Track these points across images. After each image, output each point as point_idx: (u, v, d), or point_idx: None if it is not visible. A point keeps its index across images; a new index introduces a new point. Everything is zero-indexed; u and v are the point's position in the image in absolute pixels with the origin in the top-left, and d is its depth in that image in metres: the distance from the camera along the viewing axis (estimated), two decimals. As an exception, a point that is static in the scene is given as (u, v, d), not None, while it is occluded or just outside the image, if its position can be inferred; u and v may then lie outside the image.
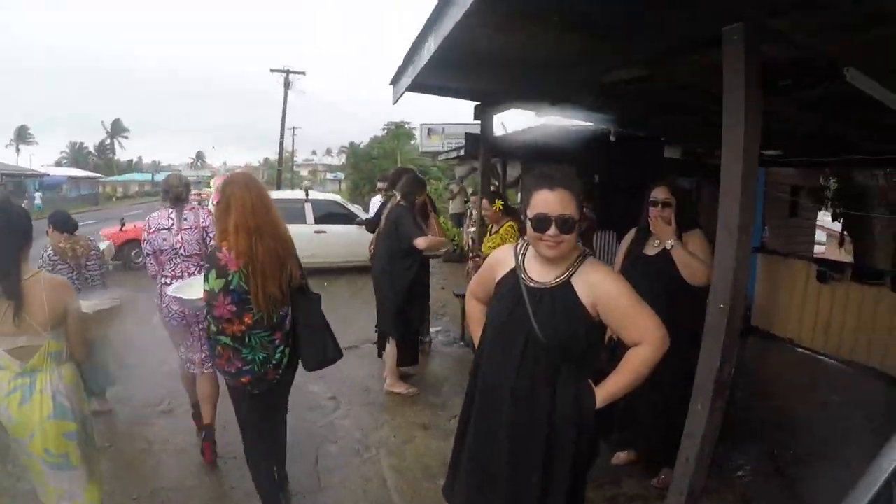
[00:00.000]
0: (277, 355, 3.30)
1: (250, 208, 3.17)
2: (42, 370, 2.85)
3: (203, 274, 3.25)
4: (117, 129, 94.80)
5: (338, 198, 14.87)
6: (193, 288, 3.70)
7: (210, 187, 3.91)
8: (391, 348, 5.67)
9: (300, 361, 3.52)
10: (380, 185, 8.27)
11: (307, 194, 13.50)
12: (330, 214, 12.86)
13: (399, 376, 5.77)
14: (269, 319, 3.22)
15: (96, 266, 5.30)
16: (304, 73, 41.99)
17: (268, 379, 3.31)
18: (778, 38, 3.08)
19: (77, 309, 3.00)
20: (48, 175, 50.06)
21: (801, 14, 2.88)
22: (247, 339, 3.17)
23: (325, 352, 3.50)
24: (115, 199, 59.89)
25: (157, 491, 4.10)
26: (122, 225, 14.44)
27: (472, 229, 9.61)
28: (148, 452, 4.66)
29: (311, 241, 12.21)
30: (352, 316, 8.28)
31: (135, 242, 13.52)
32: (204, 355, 4.37)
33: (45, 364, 2.85)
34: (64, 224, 5.24)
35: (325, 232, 12.39)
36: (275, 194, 15.23)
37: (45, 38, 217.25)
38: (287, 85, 40.58)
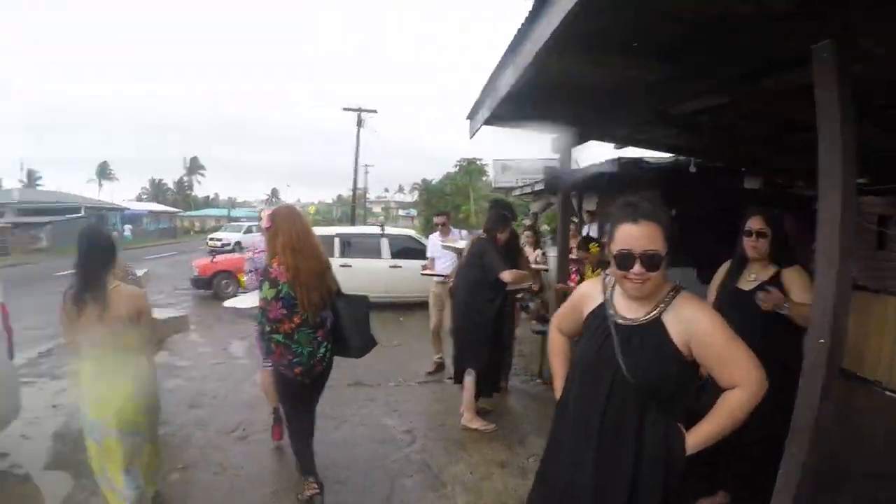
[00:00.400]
0: (321, 350, 4.09)
1: (295, 234, 4.00)
2: (122, 359, 3.56)
3: (259, 285, 4.13)
4: (195, 167, 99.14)
5: (413, 233, 14.78)
6: (245, 300, 4.83)
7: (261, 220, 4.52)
8: (468, 382, 5.57)
9: (348, 349, 4.27)
10: (437, 220, 8.23)
11: (383, 229, 13.50)
12: (405, 249, 12.69)
13: (476, 412, 5.66)
14: (312, 320, 4.01)
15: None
16: (375, 112, 42.39)
17: (315, 370, 4.10)
18: (868, 56, 2.93)
19: (149, 313, 3.79)
20: (129, 209, 52.50)
21: (890, 27, 2.74)
22: (295, 336, 3.95)
23: (367, 341, 4.31)
24: (192, 233, 61.91)
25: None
26: (214, 257, 15.24)
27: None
28: (221, 476, 4.74)
29: (386, 275, 12.26)
30: (427, 350, 8.21)
31: (224, 273, 14.31)
32: None
33: (125, 354, 3.57)
34: None
35: (400, 267, 12.27)
36: (351, 229, 15.28)
37: (130, 87, 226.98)
38: (359, 123, 41.13)
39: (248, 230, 35.75)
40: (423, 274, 8.17)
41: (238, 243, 32.88)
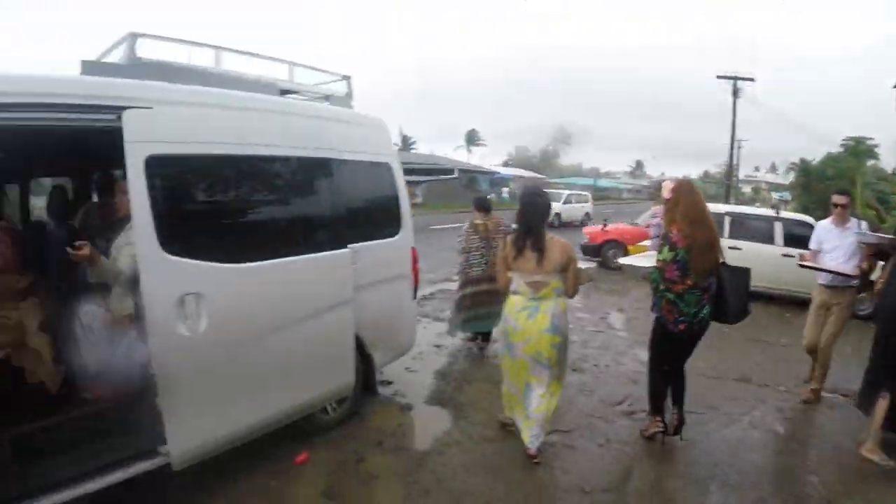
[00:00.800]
0: (703, 311, 4.59)
1: (693, 205, 4.54)
2: (546, 299, 4.42)
3: (658, 248, 4.72)
4: (560, 136, 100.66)
5: (810, 219, 12.46)
6: (641, 259, 5.51)
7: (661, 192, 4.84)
8: (881, 407, 4.84)
9: (725, 314, 4.69)
10: (836, 199, 6.25)
11: (777, 212, 12.22)
12: (799, 237, 10.62)
13: (880, 442, 4.89)
14: (700, 283, 4.50)
15: (502, 239, 6.26)
16: (752, 80, 38.54)
17: (695, 329, 4.62)
18: None
19: (575, 263, 4.51)
20: (498, 173, 55.68)
21: None
22: (684, 296, 4.50)
23: (743, 309, 4.74)
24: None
25: (609, 489, 4.29)
26: (605, 225, 15.42)
27: None
28: (606, 449, 4.87)
29: (777, 264, 10.95)
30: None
31: (613, 243, 14.59)
32: None
33: (550, 295, 4.43)
34: (482, 206, 7.18)
35: (793, 256, 10.13)
36: (743, 209, 13.90)
37: (500, 56, 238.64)
38: (735, 93, 38.05)
39: (567, 201, 32.62)
40: (800, 265, 6.63)
41: (558, 215, 29.69)
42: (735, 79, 38.13)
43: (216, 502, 3.92)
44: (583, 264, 4.93)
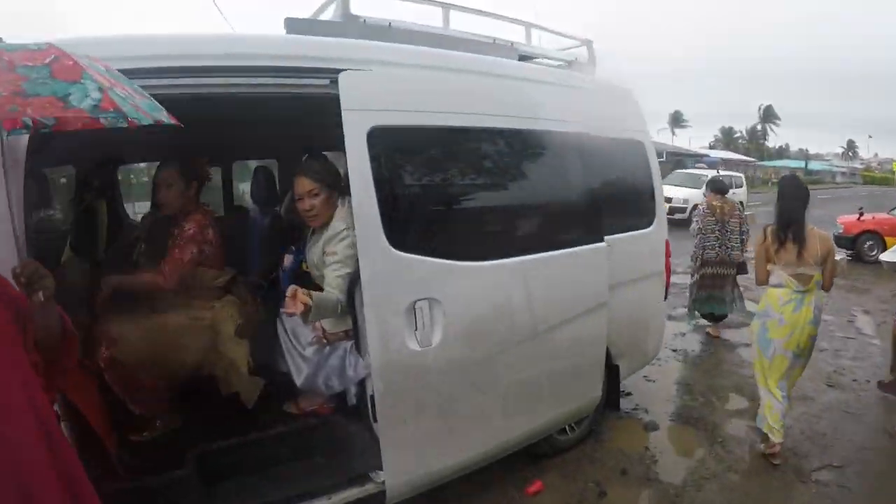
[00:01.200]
0: None
1: None
2: (809, 292, 4.17)
3: None
4: (769, 116, 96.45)
5: None
6: None
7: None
8: None
9: None
10: None
11: None
12: None
13: None
14: None
15: (736, 223, 6.82)
16: None
17: None
18: None
19: (833, 255, 4.26)
20: (707, 156, 53.32)
21: None
22: None
23: None
24: (769, 184, 59.18)
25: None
26: (861, 214, 13.91)
27: None
28: (888, 496, 3.94)
29: None
30: None
31: (869, 234, 13.21)
32: None
33: (812, 288, 4.18)
34: (718, 188, 7.14)
35: None
36: None
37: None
38: None
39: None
40: None
41: (696, 206, 21.27)
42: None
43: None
44: (836, 256, 4.50)
